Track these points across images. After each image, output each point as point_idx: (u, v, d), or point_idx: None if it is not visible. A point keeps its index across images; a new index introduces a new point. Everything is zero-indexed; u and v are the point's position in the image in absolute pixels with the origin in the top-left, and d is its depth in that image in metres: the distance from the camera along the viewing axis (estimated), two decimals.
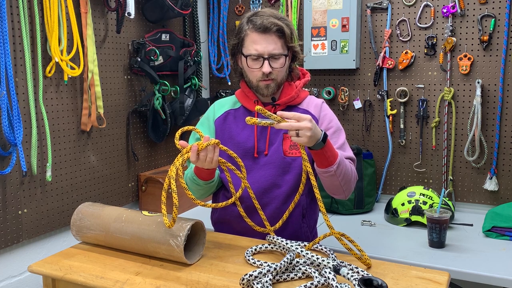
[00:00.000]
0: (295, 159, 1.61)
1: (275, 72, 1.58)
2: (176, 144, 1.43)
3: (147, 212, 1.45)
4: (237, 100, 1.72)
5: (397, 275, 1.27)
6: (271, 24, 1.55)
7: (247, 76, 1.63)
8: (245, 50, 1.59)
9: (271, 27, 1.55)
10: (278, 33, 1.57)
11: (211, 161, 1.42)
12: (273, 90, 1.61)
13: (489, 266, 1.76)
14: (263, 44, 1.56)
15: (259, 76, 1.58)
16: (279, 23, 1.56)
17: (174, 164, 1.36)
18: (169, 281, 1.26)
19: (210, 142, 1.39)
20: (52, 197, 2.07)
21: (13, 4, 1.86)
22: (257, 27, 1.56)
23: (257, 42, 1.56)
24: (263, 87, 1.60)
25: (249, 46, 1.58)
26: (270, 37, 1.56)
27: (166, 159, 2.77)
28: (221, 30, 2.96)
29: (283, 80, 1.64)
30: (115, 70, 2.38)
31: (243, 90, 1.70)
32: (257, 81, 1.60)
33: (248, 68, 1.60)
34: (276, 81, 1.60)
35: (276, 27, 1.56)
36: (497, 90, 2.30)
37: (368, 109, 2.62)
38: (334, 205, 2.44)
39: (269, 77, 1.58)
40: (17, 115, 1.82)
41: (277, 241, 1.43)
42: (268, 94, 1.61)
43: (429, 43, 2.42)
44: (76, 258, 1.43)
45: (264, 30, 1.56)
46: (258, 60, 1.57)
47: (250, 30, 1.58)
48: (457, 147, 2.43)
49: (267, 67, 1.56)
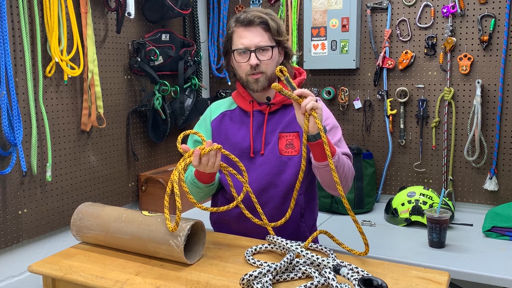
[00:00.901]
0: (291, 158, 1.62)
1: (263, 65, 1.59)
2: (178, 148, 1.43)
3: (147, 212, 1.45)
4: (233, 101, 1.73)
5: (397, 275, 1.27)
6: (255, 17, 1.59)
7: (237, 73, 1.65)
8: (233, 46, 1.62)
9: (255, 20, 1.58)
10: (263, 25, 1.59)
11: (213, 165, 1.42)
12: (263, 85, 1.62)
13: (489, 266, 1.76)
14: (249, 37, 1.58)
15: (247, 70, 1.60)
16: (263, 16, 1.60)
17: (177, 168, 1.37)
18: (169, 281, 1.26)
19: (213, 147, 1.39)
20: (52, 197, 2.07)
21: (13, 4, 1.86)
22: (241, 21, 1.60)
23: (243, 36, 1.59)
24: (252, 81, 1.61)
25: (236, 41, 1.61)
26: (256, 30, 1.59)
27: (166, 159, 2.77)
28: (221, 30, 2.96)
29: (274, 75, 1.64)
30: (115, 70, 2.38)
31: (238, 91, 1.71)
32: (246, 75, 1.61)
33: (236, 63, 1.62)
34: (265, 74, 1.61)
35: (260, 19, 1.59)
36: (497, 90, 2.30)
37: (368, 109, 2.62)
38: (334, 205, 2.44)
39: (257, 70, 1.59)
40: (17, 115, 1.82)
41: (277, 241, 1.43)
42: (258, 89, 1.62)
43: (429, 43, 2.42)
44: (76, 258, 1.43)
45: (248, 23, 1.59)
46: (245, 53, 1.59)
47: (236, 27, 1.62)
48: (457, 147, 2.43)
49: (253, 59, 1.57)
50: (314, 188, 1.74)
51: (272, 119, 1.65)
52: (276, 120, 1.65)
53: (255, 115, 1.66)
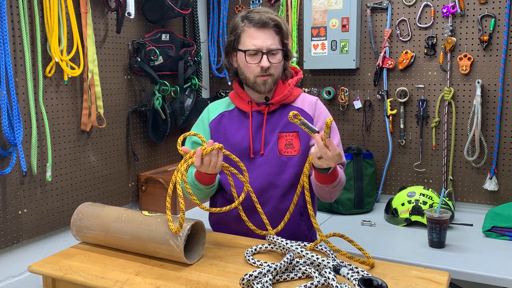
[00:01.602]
0: (291, 158, 1.62)
1: (273, 67, 1.59)
2: (178, 150, 1.43)
3: (147, 212, 1.45)
4: (231, 101, 1.72)
5: (397, 275, 1.27)
6: (269, 19, 1.57)
7: (244, 73, 1.63)
8: (242, 46, 1.60)
9: (269, 22, 1.57)
10: (276, 28, 1.59)
11: (215, 165, 1.42)
12: (269, 87, 1.62)
13: (489, 266, 1.76)
14: (262, 38, 1.57)
15: (257, 71, 1.59)
16: (276, 19, 1.59)
17: (179, 170, 1.36)
18: (169, 281, 1.26)
19: (214, 146, 1.39)
20: (52, 197, 2.07)
21: (13, 4, 1.86)
22: (255, 21, 1.57)
23: (256, 37, 1.57)
24: (261, 83, 1.60)
25: (246, 42, 1.59)
26: (269, 32, 1.58)
27: (166, 159, 2.77)
28: (221, 30, 2.96)
29: (279, 77, 1.65)
30: (115, 70, 2.38)
31: (236, 91, 1.70)
32: (255, 77, 1.60)
33: (246, 64, 1.60)
34: (273, 77, 1.61)
35: (274, 22, 1.58)
36: (497, 90, 2.30)
37: (368, 109, 2.62)
38: (334, 205, 2.44)
39: (267, 72, 1.58)
40: (17, 115, 1.82)
41: (277, 241, 1.43)
42: (265, 90, 1.62)
43: (429, 43, 2.42)
44: (76, 258, 1.43)
45: (263, 25, 1.57)
46: (256, 55, 1.58)
47: (247, 26, 1.59)
48: (457, 147, 2.43)
49: (265, 61, 1.56)
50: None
51: (271, 119, 1.65)
52: (275, 120, 1.65)
53: (254, 116, 1.66)
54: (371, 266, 1.32)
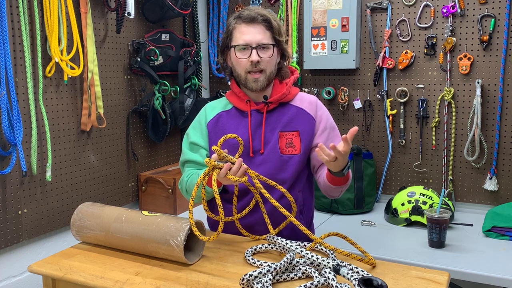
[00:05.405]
0: (292, 157, 1.62)
1: (263, 63, 1.60)
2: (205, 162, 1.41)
3: (147, 212, 1.45)
4: (228, 101, 1.72)
5: (397, 275, 1.27)
6: (258, 15, 1.60)
7: (236, 69, 1.64)
8: (233, 42, 1.62)
9: (258, 17, 1.60)
10: (265, 23, 1.61)
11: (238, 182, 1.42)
12: (262, 85, 1.62)
13: (489, 266, 1.76)
14: (251, 33, 1.59)
15: (247, 66, 1.59)
16: (266, 14, 1.61)
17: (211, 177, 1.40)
18: (169, 281, 1.26)
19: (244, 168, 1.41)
20: (52, 197, 2.07)
21: (13, 4, 1.86)
22: (244, 18, 1.61)
23: (245, 32, 1.60)
24: (252, 80, 1.61)
25: (237, 37, 1.61)
26: (258, 27, 1.60)
27: (166, 159, 2.76)
28: (221, 30, 2.96)
29: (272, 74, 1.65)
30: (115, 70, 2.38)
31: (233, 91, 1.70)
32: (245, 73, 1.61)
33: (236, 59, 1.61)
34: (265, 73, 1.61)
35: (262, 17, 1.60)
36: (497, 90, 2.30)
37: (368, 109, 2.62)
38: (334, 205, 2.44)
39: (257, 67, 1.59)
40: (17, 115, 1.82)
41: (277, 241, 1.43)
42: (257, 88, 1.62)
43: (429, 43, 2.42)
44: (76, 258, 1.43)
45: (251, 20, 1.60)
46: (246, 50, 1.60)
47: (237, 23, 1.62)
48: (457, 147, 2.43)
49: (255, 55, 1.58)
50: (312, 185, 1.76)
51: (270, 118, 1.66)
52: (274, 119, 1.65)
53: (252, 115, 1.66)
54: (372, 266, 1.32)
